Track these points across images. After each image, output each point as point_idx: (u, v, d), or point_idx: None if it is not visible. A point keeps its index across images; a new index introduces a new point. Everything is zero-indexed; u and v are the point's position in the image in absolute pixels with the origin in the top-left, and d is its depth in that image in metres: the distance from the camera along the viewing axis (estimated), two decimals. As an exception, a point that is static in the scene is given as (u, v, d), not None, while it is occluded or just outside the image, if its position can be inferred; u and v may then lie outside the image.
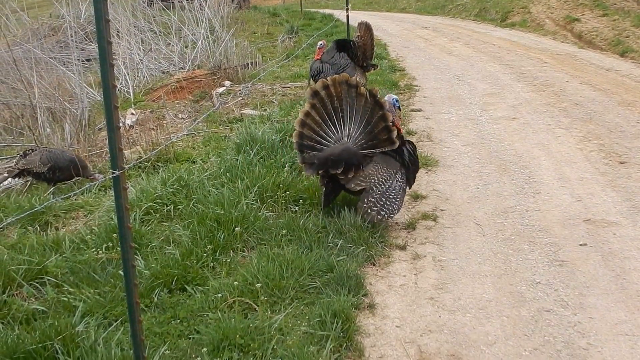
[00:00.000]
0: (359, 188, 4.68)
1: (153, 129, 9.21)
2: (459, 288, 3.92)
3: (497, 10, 19.80)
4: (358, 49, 8.48)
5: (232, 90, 11.15)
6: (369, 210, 4.57)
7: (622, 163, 6.01)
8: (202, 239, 4.34)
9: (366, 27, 8.71)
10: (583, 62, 11.88)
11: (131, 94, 11.66)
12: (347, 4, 12.10)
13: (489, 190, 5.53)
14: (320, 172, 4.71)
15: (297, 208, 4.89)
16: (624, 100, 8.52)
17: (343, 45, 8.53)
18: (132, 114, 9.84)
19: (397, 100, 5.32)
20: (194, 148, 7.45)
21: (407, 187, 4.91)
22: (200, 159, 6.57)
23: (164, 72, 13.79)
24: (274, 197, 5.01)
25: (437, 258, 4.31)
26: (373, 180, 4.68)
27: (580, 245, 4.42)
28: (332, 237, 4.37)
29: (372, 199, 4.62)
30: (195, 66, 13.68)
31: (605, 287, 3.84)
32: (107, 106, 2.61)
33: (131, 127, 9.18)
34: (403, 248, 4.46)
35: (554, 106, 8.32)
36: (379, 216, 4.58)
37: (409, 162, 4.91)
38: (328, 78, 4.79)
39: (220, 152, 6.43)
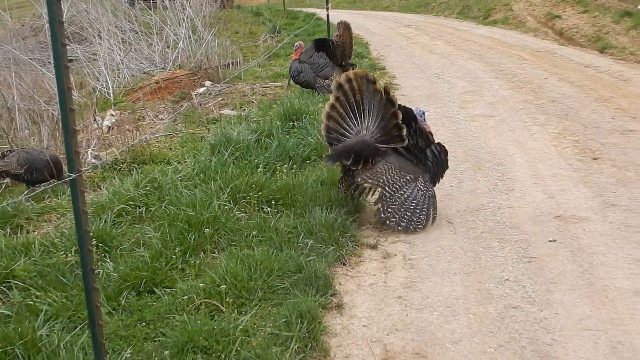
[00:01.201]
0: (366, 184, 4.75)
1: (131, 130, 9.19)
2: (427, 286, 3.93)
3: (479, 7, 19.87)
4: (337, 48, 8.48)
5: (212, 90, 11.13)
6: (387, 221, 4.65)
7: (595, 159, 6.05)
8: (173, 241, 4.33)
9: (345, 27, 8.72)
10: (563, 58, 11.95)
11: (111, 94, 11.61)
12: (327, 3, 12.06)
13: (462, 188, 5.55)
14: (336, 163, 4.82)
15: (269, 209, 4.89)
16: (600, 96, 8.57)
17: (322, 45, 8.56)
18: (112, 115, 9.80)
19: (423, 113, 5.16)
20: (171, 149, 7.43)
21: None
22: (177, 160, 6.55)
23: (145, 73, 13.72)
24: (247, 197, 5.00)
25: (408, 257, 4.32)
26: (382, 180, 4.70)
27: (550, 241, 4.44)
28: (302, 237, 4.37)
29: (390, 209, 4.67)
30: (176, 66, 13.63)
31: (572, 283, 3.87)
32: (63, 109, 2.60)
33: (110, 128, 9.14)
34: (374, 247, 4.46)
35: (531, 103, 8.35)
36: (399, 227, 4.65)
37: (432, 163, 4.96)
38: (350, 72, 4.86)
39: (195, 153, 6.40)
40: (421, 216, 4.72)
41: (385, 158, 4.80)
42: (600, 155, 6.15)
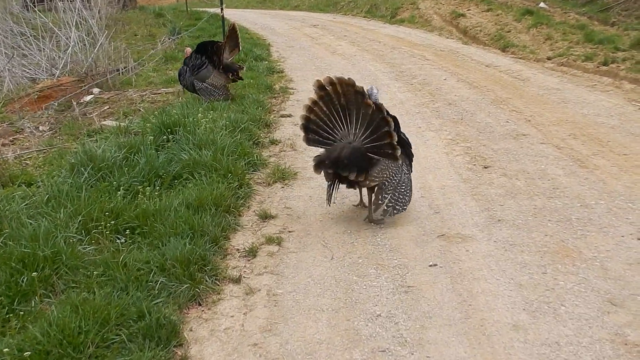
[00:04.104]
0: (373, 184, 4.68)
1: (7, 145, 8.43)
2: (289, 328, 3.47)
3: (387, 6, 19.71)
4: (218, 50, 8.04)
5: (100, 98, 10.42)
6: (389, 209, 4.69)
7: (485, 167, 5.76)
8: (1, 285, 3.71)
9: (231, 28, 8.25)
10: (465, 58, 11.81)
11: (-11, 105, 10.69)
12: (221, 4, 11.47)
13: (345, 205, 5.14)
14: (329, 171, 4.67)
15: (123, 239, 4.32)
16: (497, 97, 8.37)
17: (201, 47, 8.12)
18: (-12, 127, 8.98)
19: (377, 91, 4.86)
20: (40, 167, 6.73)
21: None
22: (42, 181, 5.87)
23: (34, 80, 12.81)
24: (101, 227, 4.41)
25: (273, 291, 3.85)
26: (385, 175, 4.68)
27: (430, 266, 4.06)
28: (153, 274, 3.83)
29: (387, 196, 4.69)
30: (66, 72, 12.78)
31: (449, 317, 3.48)
32: None
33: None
34: (237, 281, 3.97)
35: (427, 106, 8.06)
36: (394, 211, 4.70)
37: (407, 148, 4.98)
38: (332, 76, 4.56)
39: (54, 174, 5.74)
40: (406, 197, 4.78)
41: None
42: (491, 163, 5.87)
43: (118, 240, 4.31)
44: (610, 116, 7.31)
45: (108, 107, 9.84)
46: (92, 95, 10.63)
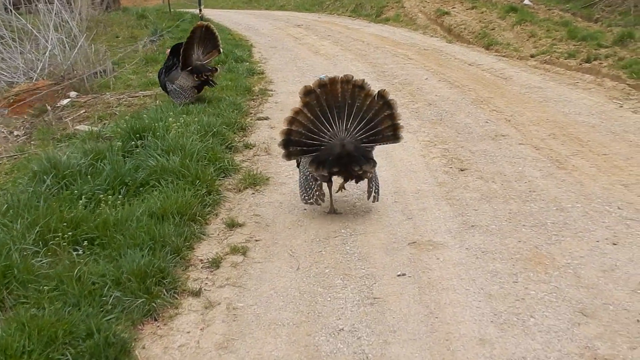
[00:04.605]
0: (369, 174, 4.75)
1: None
2: (246, 345, 3.31)
3: (372, 5, 19.56)
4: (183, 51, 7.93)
5: (77, 102, 10.23)
6: (377, 195, 4.86)
7: (462, 170, 5.62)
8: (-53, 303, 3.55)
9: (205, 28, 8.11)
10: (448, 57, 11.69)
11: (-37, 110, 10.48)
12: (199, 5, 11.29)
13: (316, 211, 4.98)
14: (334, 169, 4.66)
15: (81, 251, 4.15)
16: (478, 97, 8.24)
17: (175, 49, 8.00)
18: (-40, 133, 8.80)
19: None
20: (7, 174, 6.56)
21: None
22: (6, 189, 5.69)
23: (12, 83, 12.59)
24: (58, 238, 4.24)
25: (233, 305, 3.69)
26: (374, 164, 4.78)
27: (399, 275, 3.91)
28: (108, 288, 3.67)
29: (373, 183, 4.84)
30: (44, 76, 12.57)
31: (414, 330, 3.33)
32: None
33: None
34: (197, 294, 3.81)
35: (407, 107, 7.91)
36: (378, 197, 4.89)
37: None
38: (326, 76, 4.66)
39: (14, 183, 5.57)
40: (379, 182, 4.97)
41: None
42: (468, 165, 5.73)
43: (75, 252, 4.14)
44: (591, 114, 7.18)
45: (84, 110, 9.67)
46: (69, 99, 10.44)
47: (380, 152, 5.97)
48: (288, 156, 4.79)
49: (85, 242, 4.21)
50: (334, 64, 11.30)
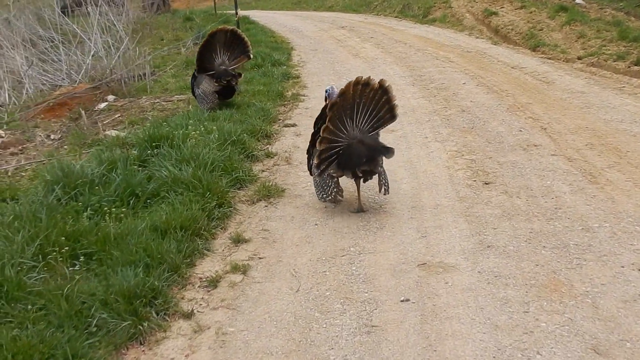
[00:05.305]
0: (380, 168, 4.89)
1: (16, 153, 8.36)
2: (229, 376, 3.13)
3: (419, 6, 19.19)
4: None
5: (113, 106, 10.27)
6: (388, 187, 4.94)
7: (486, 184, 5.33)
8: None
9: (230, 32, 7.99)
10: (491, 59, 11.31)
11: (5, 112, 10.63)
12: (235, 7, 11.19)
13: (327, 226, 4.77)
14: (362, 168, 4.75)
15: (78, 266, 4.05)
16: (516, 103, 7.89)
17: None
18: (0, 136, 8.91)
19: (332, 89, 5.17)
20: (31, 179, 6.55)
21: None
22: (22, 197, 5.65)
23: (57, 86, 12.76)
24: (58, 252, 4.14)
25: (223, 330, 3.51)
26: (392, 151, 4.88)
27: (402, 301, 3.67)
28: (95, 309, 3.54)
29: (383, 176, 4.93)
30: (88, 78, 12.70)
31: (408, 366, 3.10)
32: None
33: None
34: (188, 316, 3.65)
35: (439, 114, 7.62)
36: (388, 188, 4.97)
37: None
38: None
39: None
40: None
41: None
42: (494, 178, 5.43)
43: (72, 268, 4.03)
44: (635, 122, 6.77)
45: (119, 115, 9.68)
46: (106, 103, 10.49)
47: (404, 163, 5.80)
48: (321, 174, 4.87)
49: (83, 258, 4.10)
50: (371, 68, 11.05)
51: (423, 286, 3.82)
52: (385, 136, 6.60)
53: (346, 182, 5.14)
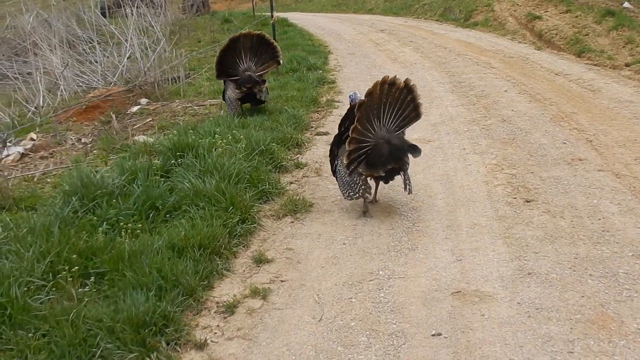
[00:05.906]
0: (407, 166, 4.88)
1: (46, 157, 8.27)
2: (239, 419, 2.86)
3: (460, 9, 18.71)
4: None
5: (146, 109, 10.11)
6: (410, 186, 4.89)
7: (528, 201, 4.97)
8: None
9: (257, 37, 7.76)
10: (534, 65, 10.84)
11: (40, 114, 10.56)
12: (271, 10, 10.95)
13: (356, 246, 4.47)
14: (389, 167, 4.77)
15: (87, 287, 3.82)
16: (560, 112, 7.47)
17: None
18: (32, 139, 8.83)
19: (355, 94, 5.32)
20: (55, 187, 6.38)
21: None
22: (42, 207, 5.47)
23: (92, 88, 12.69)
24: (68, 270, 3.92)
25: (236, 364, 3.25)
26: (418, 150, 4.94)
27: (433, 335, 3.36)
28: (100, 337, 3.30)
29: (407, 175, 4.91)
30: (123, 80, 12.60)
31: (437, 414, 2.78)
32: None
33: (23, 155, 8.18)
34: (201, 347, 3.39)
35: (478, 124, 7.25)
36: (412, 187, 4.95)
37: None
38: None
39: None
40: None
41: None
42: (535, 195, 5.07)
43: (82, 289, 3.81)
44: (689, 136, 6.32)
45: (151, 119, 9.51)
46: (138, 106, 10.34)
47: (440, 177, 5.50)
48: (351, 173, 4.85)
49: (94, 277, 3.87)
50: (409, 73, 10.68)
51: (457, 318, 3.50)
52: (422, 147, 6.30)
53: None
